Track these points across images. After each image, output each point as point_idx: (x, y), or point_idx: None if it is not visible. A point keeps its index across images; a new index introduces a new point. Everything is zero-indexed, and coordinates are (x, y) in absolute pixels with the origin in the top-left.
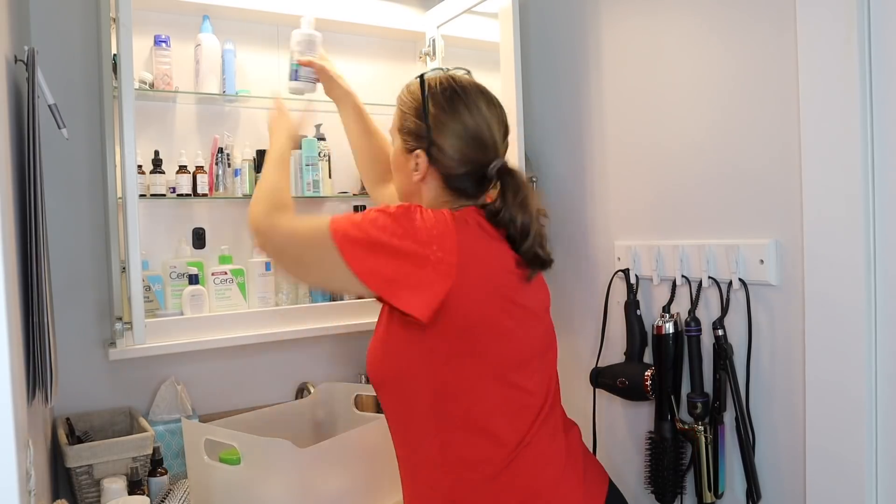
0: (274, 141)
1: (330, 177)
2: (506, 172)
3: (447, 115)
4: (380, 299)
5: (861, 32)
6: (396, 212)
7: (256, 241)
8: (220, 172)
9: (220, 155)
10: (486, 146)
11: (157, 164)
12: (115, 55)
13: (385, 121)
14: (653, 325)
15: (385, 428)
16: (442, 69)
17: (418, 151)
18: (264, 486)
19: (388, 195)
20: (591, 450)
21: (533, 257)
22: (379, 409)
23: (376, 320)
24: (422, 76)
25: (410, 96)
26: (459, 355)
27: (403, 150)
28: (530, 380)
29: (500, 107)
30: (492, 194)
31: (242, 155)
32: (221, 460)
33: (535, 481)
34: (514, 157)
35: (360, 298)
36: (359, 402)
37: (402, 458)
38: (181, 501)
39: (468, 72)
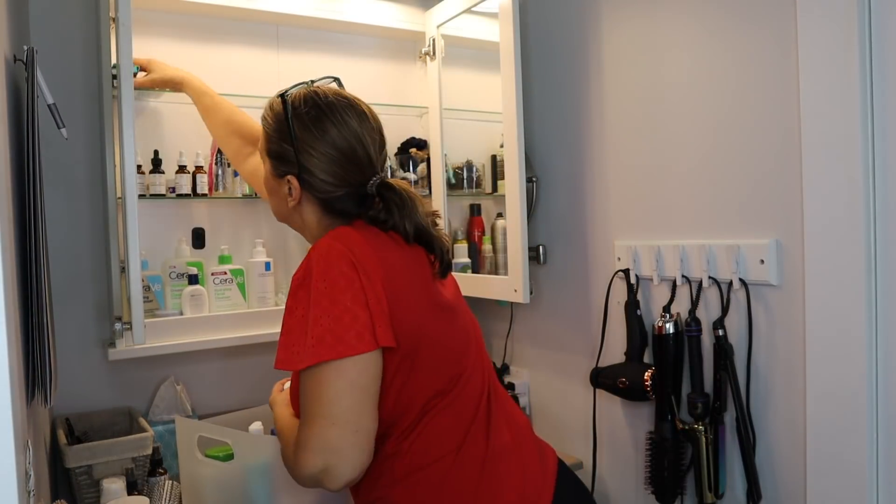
0: (277, 412)
1: None
2: (386, 188)
3: (314, 136)
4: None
5: (861, 33)
6: (304, 283)
7: (329, 483)
8: (220, 172)
9: (219, 155)
10: (361, 164)
11: (156, 164)
12: (114, 65)
13: (382, 120)
14: (653, 325)
15: None
16: (306, 83)
17: (289, 177)
18: (256, 483)
19: (253, 166)
20: (591, 450)
21: (443, 263)
22: None
23: None
24: (283, 94)
25: (274, 117)
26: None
27: (273, 175)
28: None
29: (374, 117)
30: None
31: None
32: (209, 456)
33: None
34: (514, 156)
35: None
36: None
37: None
38: (168, 497)
39: (336, 80)
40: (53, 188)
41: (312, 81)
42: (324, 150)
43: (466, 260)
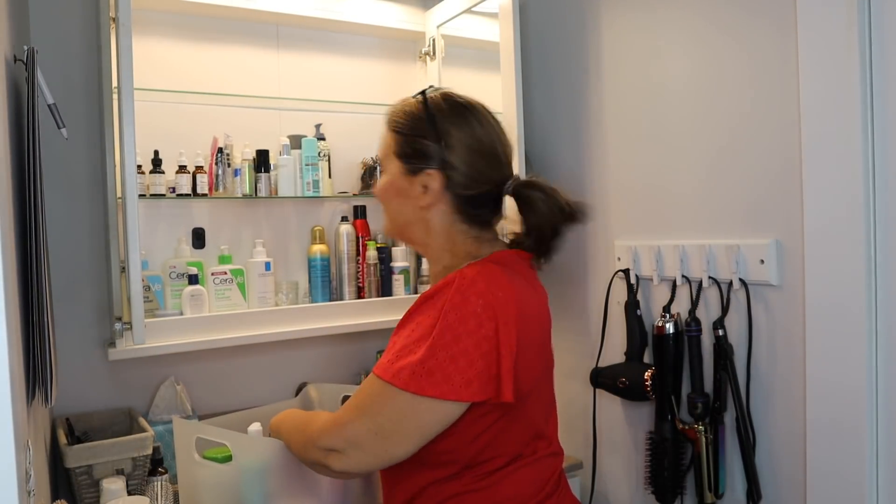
0: (283, 430)
1: (329, 177)
2: (524, 186)
3: (458, 129)
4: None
5: (861, 32)
6: (441, 317)
7: (334, 463)
8: (220, 172)
9: (219, 155)
10: (501, 162)
11: (156, 164)
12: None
13: (382, 120)
14: (653, 325)
15: None
16: (427, 89)
17: (429, 171)
18: (254, 485)
19: None
20: (591, 450)
21: (547, 252)
22: None
23: (376, 320)
24: (423, 92)
25: (407, 116)
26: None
27: (404, 174)
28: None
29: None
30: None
31: (242, 155)
32: (207, 458)
33: None
34: (514, 156)
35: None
36: None
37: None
38: (168, 497)
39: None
40: (53, 188)
41: (424, 90)
42: (468, 143)
43: None
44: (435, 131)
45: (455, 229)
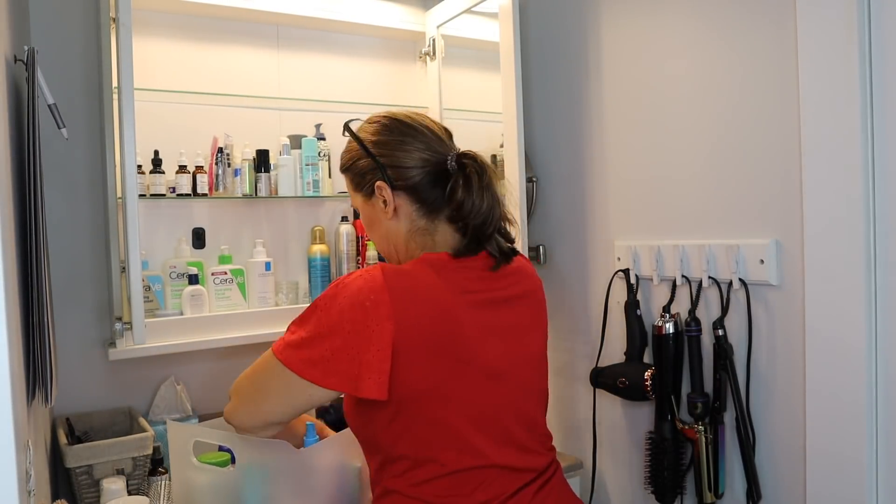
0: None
1: (329, 176)
2: (464, 157)
3: (386, 135)
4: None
5: (861, 32)
6: (322, 302)
7: (225, 410)
8: (220, 172)
9: (219, 155)
10: (431, 143)
11: (156, 164)
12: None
13: None
14: (653, 325)
15: None
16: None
17: (378, 183)
18: (251, 489)
19: None
20: (591, 450)
21: (499, 251)
22: None
23: None
24: (345, 124)
25: (346, 154)
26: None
27: (365, 201)
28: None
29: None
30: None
31: (242, 155)
32: (203, 461)
33: None
34: (514, 156)
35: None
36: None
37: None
38: (168, 497)
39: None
40: (53, 188)
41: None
42: (388, 139)
43: None
44: (364, 148)
45: (417, 226)
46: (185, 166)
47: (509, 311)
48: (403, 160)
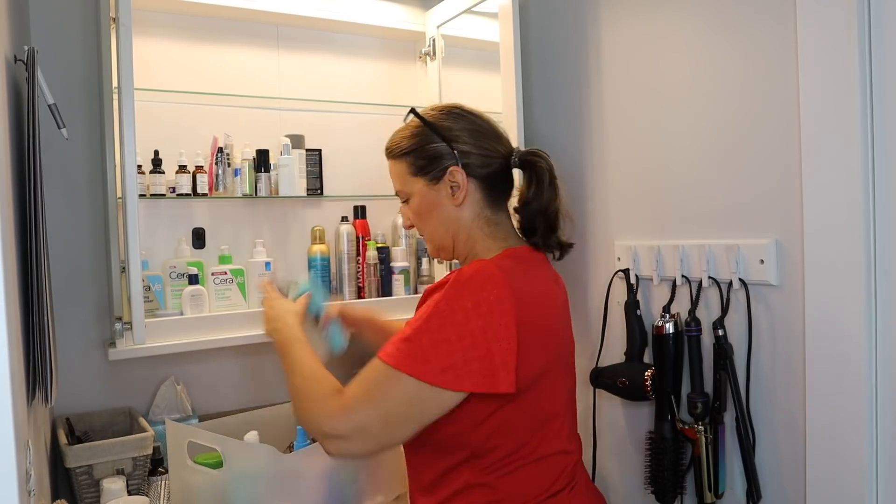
0: (281, 331)
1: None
2: (536, 154)
3: (456, 122)
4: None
5: (861, 32)
6: (444, 302)
7: (333, 448)
8: (220, 172)
9: (219, 154)
10: (502, 137)
11: (156, 163)
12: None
13: (382, 120)
14: (653, 325)
15: None
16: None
17: (451, 168)
18: (244, 492)
19: None
20: (591, 450)
21: (558, 245)
22: None
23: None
24: (412, 109)
25: (408, 137)
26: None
27: (430, 186)
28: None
29: None
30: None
31: (242, 155)
32: (198, 462)
33: None
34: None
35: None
36: None
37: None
38: (168, 497)
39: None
40: (53, 188)
41: (412, 109)
42: (470, 129)
43: None
44: (438, 133)
45: (483, 215)
46: (185, 166)
47: (561, 301)
48: (484, 149)
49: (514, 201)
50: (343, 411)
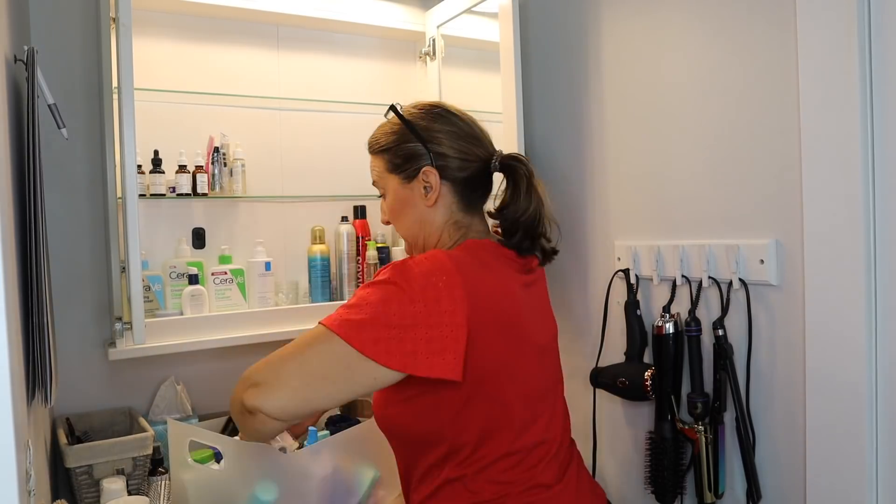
0: None
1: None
2: (514, 159)
3: (436, 123)
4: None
5: (861, 32)
6: (391, 279)
7: (251, 397)
8: (217, 172)
9: (216, 154)
10: (481, 140)
11: (156, 163)
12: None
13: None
14: (653, 325)
15: (369, 432)
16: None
17: (424, 169)
18: (245, 490)
19: None
20: (591, 450)
21: (542, 252)
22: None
23: None
24: (392, 107)
25: (387, 133)
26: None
27: (404, 184)
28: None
29: None
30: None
31: (238, 154)
32: (197, 460)
33: None
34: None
35: None
36: (351, 404)
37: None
38: (169, 497)
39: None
40: (53, 188)
41: (392, 106)
42: (449, 130)
43: None
44: (416, 133)
45: (454, 218)
46: (185, 166)
47: (536, 292)
48: (462, 152)
49: (495, 204)
50: (265, 361)
